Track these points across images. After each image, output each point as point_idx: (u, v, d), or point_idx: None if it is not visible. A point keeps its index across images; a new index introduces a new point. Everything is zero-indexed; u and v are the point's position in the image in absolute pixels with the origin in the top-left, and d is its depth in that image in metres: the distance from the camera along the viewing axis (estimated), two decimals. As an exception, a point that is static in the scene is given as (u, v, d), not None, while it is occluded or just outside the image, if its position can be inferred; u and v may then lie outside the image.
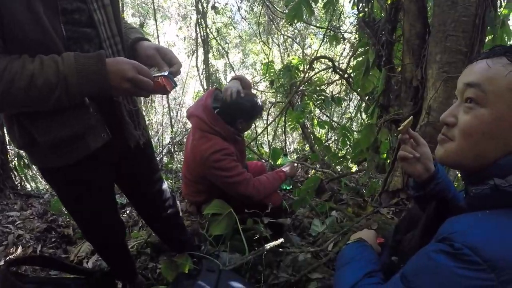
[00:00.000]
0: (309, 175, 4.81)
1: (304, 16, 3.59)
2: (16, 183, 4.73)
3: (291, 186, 3.18)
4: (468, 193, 0.98)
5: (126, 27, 1.59)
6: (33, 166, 1.60)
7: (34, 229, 3.21)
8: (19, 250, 2.85)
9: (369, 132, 2.86)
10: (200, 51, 6.27)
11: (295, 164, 3.57)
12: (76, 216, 1.70)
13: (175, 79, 1.35)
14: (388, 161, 3.28)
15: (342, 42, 5.44)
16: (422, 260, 0.87)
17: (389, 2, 2.73)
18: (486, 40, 2.46)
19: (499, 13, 2.65)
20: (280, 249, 2.17)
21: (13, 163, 4.78)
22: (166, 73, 1.30)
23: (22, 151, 4.17)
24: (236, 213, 2.40)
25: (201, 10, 5.70)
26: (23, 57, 1.11)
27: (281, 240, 2.18)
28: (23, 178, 5.00)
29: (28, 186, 5.14)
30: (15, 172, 4.79)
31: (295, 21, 3.26)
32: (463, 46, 2.33)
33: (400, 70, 3.05)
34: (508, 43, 2.87)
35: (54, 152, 1.33)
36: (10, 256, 2.75)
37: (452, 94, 2.36)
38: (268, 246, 2.09)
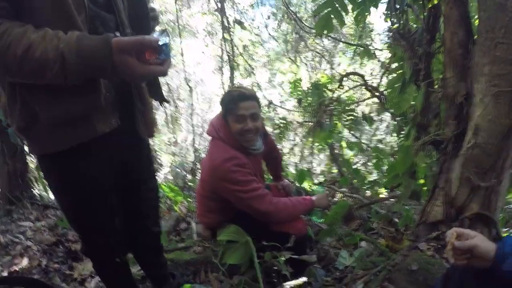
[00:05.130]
0: (335, 199, 4.51)
1: (334, 28, 3.35)
2: (35, 192, 4.78)
3: (322, 220, 2.83)
4: None
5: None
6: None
7: (43, 241, 3.18)
8: (25, 262, 2.79)
9: (405, 155, 2.53)
10: (226, 68, 6.11)
11: (328, 195, 3.22)
12: (71, 217, 1.54)
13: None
14: (425, 188, 2.94)
15: (373, 58, 5.15)
16: None
17: (429, 5, 2.43)
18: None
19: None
20: (302, 290, 1.86)
21: (33, 173, 4.83)
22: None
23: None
24: (253, 240, 2.16)
25: (226, 25, 5.54)
26: (28, 26, 1.06)
27: (304, 279, 1.88)
28: (43, 188, 4.99)
29: (47, 196, 5.13)
30: (35, 182, 4.83)
31: (325, 32, 3.01)
32: (516, 56, 2.00)
33: (438, 85, 2.74)
34: None
35: (56, 134, 1.25)
36: (15, 267, 2.67)
37: (504, 111, 2.05)
38: (287, 286, 1.79)
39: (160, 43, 1.11)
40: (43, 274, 2.65)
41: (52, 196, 5.19)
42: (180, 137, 9.92)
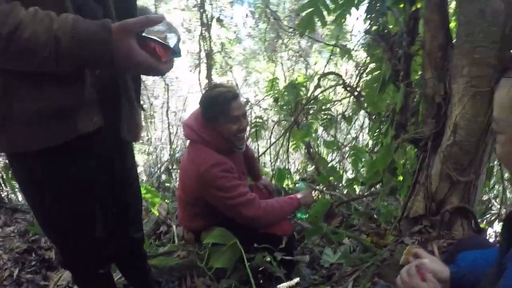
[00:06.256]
0: (314, 197, 4.57)
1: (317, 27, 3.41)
2: (3, 195, 4.47)
3: (307, 216, 2.87)
4: None
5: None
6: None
7: (13, 249, 2.96)
8: (-5, 272, 2.59)
9: (386, 153, 2.63)
10: (203, 66, 6.09)
11: (313, 191, 3.21)
12: (46, 225, 1.41)
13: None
14: (404, 184, 3.04)
15: (352, 57, 5.26)
16: None
17: (413, 8, 2.53)
18: None
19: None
20: (295, 291, 1.89)
21: (1, 174, 4.52)
22: (170, 41, 1.07)
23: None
24: (240, 243, 2.13)
25: (205, 22, 5.54)
26: (15, 2, 0.94)
27: (297, 280, 1.91)
28: (11, 190, 4.67)
29: (15, 199, 4.84)
30: (3, 184, 4.51)
31: (307, 32, 3.07)
32: (493, 59, 2.11)
33: (415, 85, 2.85)
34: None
35: (31, 131, 1.11)
36: (-17, 280, 2.49)
37: (482, 110, 2.16)
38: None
39: (171, 42, 1.06)
40: (15, 286, 2.51)
41: (21, 198, 4.99)
42: (154, 136, 9.78)
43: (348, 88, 4.40)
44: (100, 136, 1.24)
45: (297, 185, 3.97)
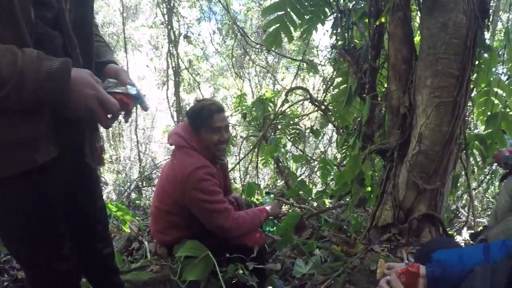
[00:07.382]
0: (285, 210, 4.60)
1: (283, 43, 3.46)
2: None
3: (274, 228, 2.89)
4: None
5: (100, 41, 1.45)
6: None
7: None
8: (-35, 294, 2.50)
9: (354, 164, 2.67)
10: (171, 82, 6.06)
11: (279, 203, 3.26)
12: (16, 249, 1.37)
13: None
14: (372, 195, 3.09)
15: (318, 72, 5.36)
16: None
17: (377, 23, 2.60)
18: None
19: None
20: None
21: None
22: (131, 91, 1.19)
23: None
24: (213, 255, 2.11)
25: (173, 39, 5.53)
26: None
27: (269, 288, 1.90)
28: None
29: None
30: None
31: (273, 47, 3.11)
32: (455, 69, 2.20)
33: (382, 98, 2.92)
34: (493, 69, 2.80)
35: None
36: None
37: (445, 120, 2.24)
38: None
39: (132, 91, 1.19)
40: (-13, 308, 2.41)
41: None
42: (123, 154, 9.61)
43: (316, 103, 4.48)
44: (61, 162, 1.23)
45: (263, 198, 4.00)
